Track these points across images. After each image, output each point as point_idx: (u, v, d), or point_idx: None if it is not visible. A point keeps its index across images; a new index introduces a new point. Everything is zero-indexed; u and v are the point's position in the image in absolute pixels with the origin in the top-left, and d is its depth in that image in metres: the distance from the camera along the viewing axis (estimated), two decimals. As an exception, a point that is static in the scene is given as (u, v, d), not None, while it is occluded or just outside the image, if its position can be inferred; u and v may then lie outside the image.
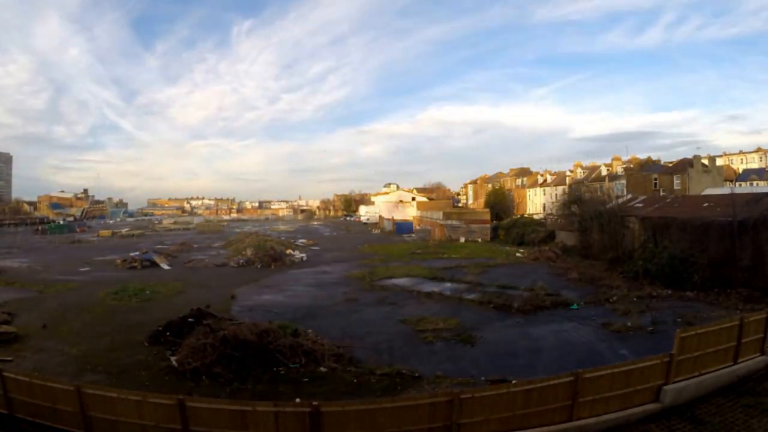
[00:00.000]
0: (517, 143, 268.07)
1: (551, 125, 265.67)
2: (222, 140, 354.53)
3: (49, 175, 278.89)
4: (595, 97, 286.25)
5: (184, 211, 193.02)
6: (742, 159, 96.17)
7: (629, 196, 40.82)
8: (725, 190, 38.23)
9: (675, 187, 53.27)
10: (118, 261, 38.58)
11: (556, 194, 68.57)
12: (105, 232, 76.07)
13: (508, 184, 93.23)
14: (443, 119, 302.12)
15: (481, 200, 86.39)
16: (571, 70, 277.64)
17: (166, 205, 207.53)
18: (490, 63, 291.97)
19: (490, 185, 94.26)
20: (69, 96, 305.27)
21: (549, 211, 62.72)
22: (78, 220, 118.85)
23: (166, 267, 36.56)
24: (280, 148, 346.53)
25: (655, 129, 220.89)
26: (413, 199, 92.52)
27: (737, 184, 62.17)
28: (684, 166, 55.70)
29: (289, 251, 41.50)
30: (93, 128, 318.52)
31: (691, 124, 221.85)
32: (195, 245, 54.01)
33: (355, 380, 12.58)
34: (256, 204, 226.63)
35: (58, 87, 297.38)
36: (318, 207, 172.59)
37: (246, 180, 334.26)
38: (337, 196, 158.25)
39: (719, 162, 73.96)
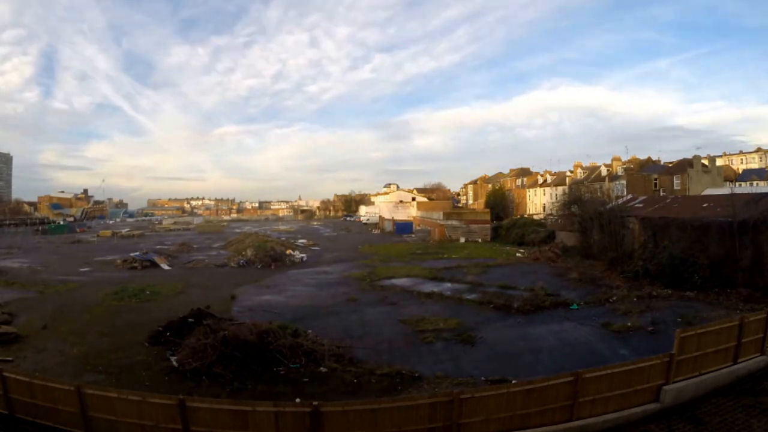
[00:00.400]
0: (600, 134, 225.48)
1: (653, 110, 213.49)
2: (260, 126, 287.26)
3: (54, 171, 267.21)
4: (715, 78, 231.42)
5: (184, 211, 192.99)
6: (742, 159, 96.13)
7: (629, 196, 40.79)
8: (725, 190, 38.18)
9: (675, 188, 53.20)
10: (119, 261, 38.59)
11: (556, 194, 68.55)
12: (105, 233, 76.16)
13: (508, 184, 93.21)
14: (532, 103, 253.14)
15: (481, 200, 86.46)
16: (704, 39, 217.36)
17: (166, 206, 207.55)
18: (616, 22, 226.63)
19: (490, 185, 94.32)
20: (67, 56, 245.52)
21: (549, 212, 62.76)
22: (78, 221, 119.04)
23: (166, 267, 36.56)
24: (324, 138, 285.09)
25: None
26: (413, 199, 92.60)
27: (737, 184, 62.05)
28: (684, 166, 55.65)
29: (289, 252, 41.48)
30: (97, 109, 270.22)
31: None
32: (195, 246, 53.97)
33: (355, 380, 12.59)
34: (256, 204, 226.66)
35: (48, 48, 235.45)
36: (318, 207, 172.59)
37: (262, 179, 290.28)
38: (337, 196, 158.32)
39: (719, 162, 73.97)
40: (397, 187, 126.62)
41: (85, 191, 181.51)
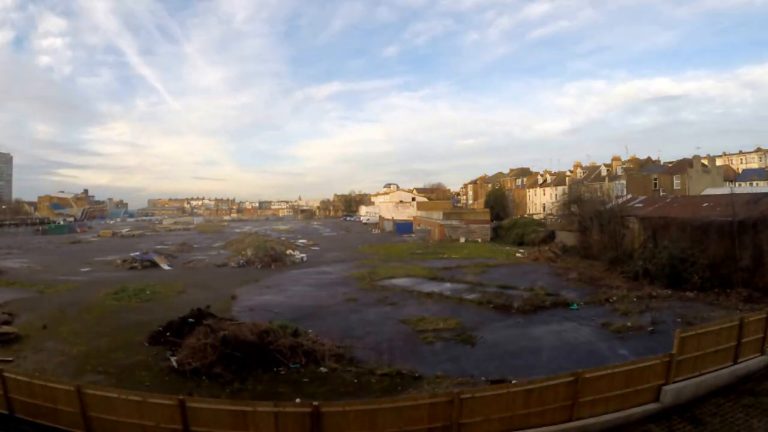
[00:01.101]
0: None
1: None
2: (381, 83, 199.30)
3: (55, 168, 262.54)
4: None
5: (184, 211, 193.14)
6: (741, 159, 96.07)
7: (629, 196, 40.77)
8: (725, 190, 38.17)
9: (675, 187, 53.16)
10: (119, 261, 38.63)
11: (556, 194, 68.49)
12: (105, 233, 76.34)
13: (508, 184, 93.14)
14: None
15: (481, 200, 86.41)
16: None
17: (167, 206, 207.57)
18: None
19: (489, 185, 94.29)
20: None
21: (549, 212, 62.68)
22: (78, 221, 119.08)
23: (166, 267, 36.56)
24: (443, 114, 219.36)
25: None
26: (413, 199, 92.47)
27: (737, 184, 62.04)
28: (684, 166, 55.60)
29: (289, 251, 41.51)
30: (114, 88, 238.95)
31: None
32: (195, 245, 54.01)
33: (355, 380, 12.59)
34: (256, 204, 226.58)
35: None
36: (318, 207, 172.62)
37: (294, 174, 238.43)
38: (337, 196, 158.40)
39: (719, 162, 73.95)
40: (397, 187, 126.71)
41: (86, 191, 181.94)
